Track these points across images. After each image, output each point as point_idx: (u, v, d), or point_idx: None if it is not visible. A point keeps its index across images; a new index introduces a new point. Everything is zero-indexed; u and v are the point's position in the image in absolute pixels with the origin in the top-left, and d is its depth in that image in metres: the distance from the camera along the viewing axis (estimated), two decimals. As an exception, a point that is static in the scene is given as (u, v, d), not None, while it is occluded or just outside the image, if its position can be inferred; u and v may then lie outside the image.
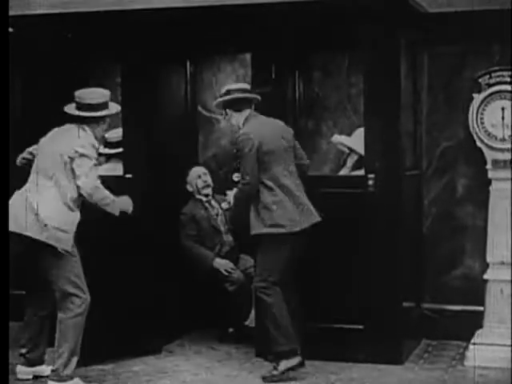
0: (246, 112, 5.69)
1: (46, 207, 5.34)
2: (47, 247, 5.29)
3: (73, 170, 5.36)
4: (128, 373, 5.80)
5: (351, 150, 6.19)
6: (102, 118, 5.51)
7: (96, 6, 6.64)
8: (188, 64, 6.81)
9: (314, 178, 5.90)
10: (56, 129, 5.59)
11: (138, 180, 6.15)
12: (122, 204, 5.53)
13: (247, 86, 5.78)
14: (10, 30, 6.35)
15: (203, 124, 6.91)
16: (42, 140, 5.58)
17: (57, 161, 5.39)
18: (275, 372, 5.56)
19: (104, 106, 5.51)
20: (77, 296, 5.31)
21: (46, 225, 5.29)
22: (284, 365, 5.54)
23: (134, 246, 6.10)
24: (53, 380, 5.34)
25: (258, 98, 5.74)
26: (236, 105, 5.66)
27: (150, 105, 6.25)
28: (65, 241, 5.33)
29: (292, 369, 5.55)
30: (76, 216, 5.42)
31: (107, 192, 5.40)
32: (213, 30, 6.17)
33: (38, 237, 5.29)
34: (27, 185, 5.49)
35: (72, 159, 5.36)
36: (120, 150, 6.41)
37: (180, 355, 6.22)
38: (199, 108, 6.95)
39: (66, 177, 5.37)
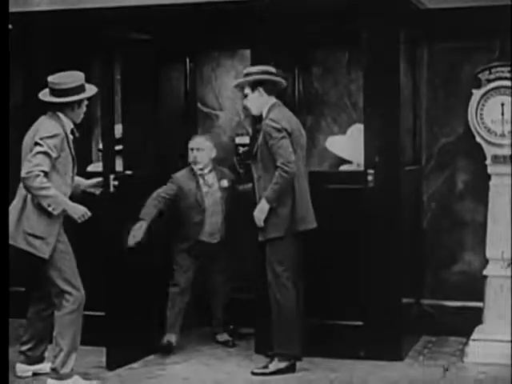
0: (271, 99, 5.65)
1: (22, 211, 5.23)
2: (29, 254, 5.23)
3: None
4: (128, 370, 5.81)
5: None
6: (77, 102, 5.31)
7: (95, 2, 6.64)
8: (187, 60, 6.79)
9: (314, 174, 5.89)
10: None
11: (137, 176, 6.15)
12: (70, 208, 5.19)
13: (274, 70, 5.69)
14: (10, 26, 6.36)
15: (202, 120, 6.90)
16: (23, 141, 5.40)
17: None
18: (266, 370, 5.61)
19: (78, 89, 5.30)
20: (69, 293, 5.27)
21: (23, 230, 5.20)
22: (274, 366, 5.60)
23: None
24: (52, 378, 5.34)
25: (284, 83, 5.70)
26: (264, 86, 5.60)
27: (150, 101, 6.25)
28: (40, 248, 5.21)
29: (281, 371, 5.59)
30: (54, 219, 5.21)
31: (48, 184, 5.08)
32: (212, 25, 6.17)
33: (16, 244, 5.21)
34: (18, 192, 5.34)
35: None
36: (120, 146, 6.40)
37: (180, 353, 6.21)
38: (198, 104, 6.94)
39: None
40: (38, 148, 5.14)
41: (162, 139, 6.34)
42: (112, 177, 5.74)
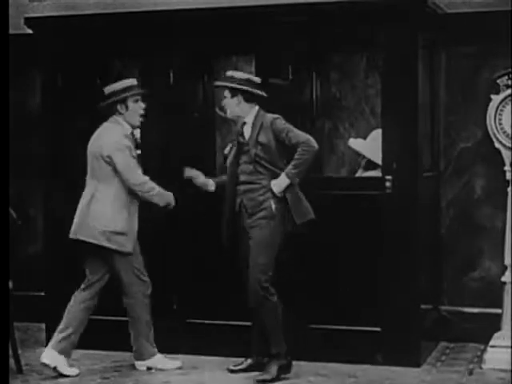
0: (255, 108, 5.69)
1: (100, 211, 5.57)
2: (110, 249, 5.58)
3: (115, 168, 5.59)
4: (146, 372, 5.81)
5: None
6: (124, 104, 5.69)
7: (116, 6, 6.68)
8: (205, 64, 6.80)
9: (332, 180, 5.88)
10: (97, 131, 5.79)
11: (155, 181, 6.16)
12: (169, 197, 5.75)
13: (258, 80, 5.72)
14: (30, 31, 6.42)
15: (220, 125, 6.90)
16: (88, 144, 5.76)
17: (99, 162, 5.62)
18: (267, 376, 5.54)
19: (119, 92, 5.69)
20: (143, 281, 5.69)
21: (104, 230, 5.54)
22: (274, 369, 5.55)
23: (151, 245, 6.15)
24: (136, 359, 5.80)
25: (264, 95, 5.72)
26: (244, 94, 5.66)
27: (168, 106, 6.26)
28: (122, 243, 5.58)
29: (281, 370, 5.55)
30: (131, 216, 5.64)
31: (153, 184, 5.68)
32: (230, 30, 6.17)
33: (99, 242, 5.55)
34: (85, 190, 5.70)
35: (110, 157, 5.59)
36: (138, 151, 6.42)
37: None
38: (216, 109, 6.94)
39: (111, 176, 5.61)
40: (126, 153, 5.62)
41: (179, 144, 6.34)
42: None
